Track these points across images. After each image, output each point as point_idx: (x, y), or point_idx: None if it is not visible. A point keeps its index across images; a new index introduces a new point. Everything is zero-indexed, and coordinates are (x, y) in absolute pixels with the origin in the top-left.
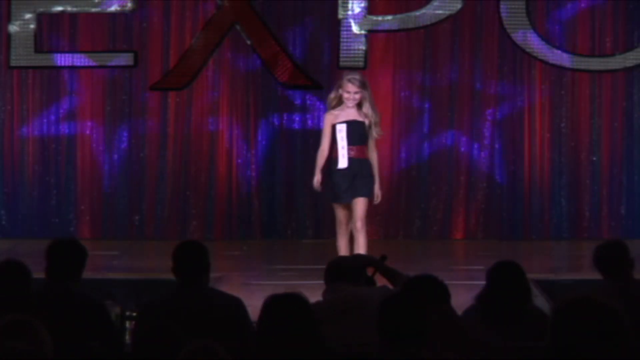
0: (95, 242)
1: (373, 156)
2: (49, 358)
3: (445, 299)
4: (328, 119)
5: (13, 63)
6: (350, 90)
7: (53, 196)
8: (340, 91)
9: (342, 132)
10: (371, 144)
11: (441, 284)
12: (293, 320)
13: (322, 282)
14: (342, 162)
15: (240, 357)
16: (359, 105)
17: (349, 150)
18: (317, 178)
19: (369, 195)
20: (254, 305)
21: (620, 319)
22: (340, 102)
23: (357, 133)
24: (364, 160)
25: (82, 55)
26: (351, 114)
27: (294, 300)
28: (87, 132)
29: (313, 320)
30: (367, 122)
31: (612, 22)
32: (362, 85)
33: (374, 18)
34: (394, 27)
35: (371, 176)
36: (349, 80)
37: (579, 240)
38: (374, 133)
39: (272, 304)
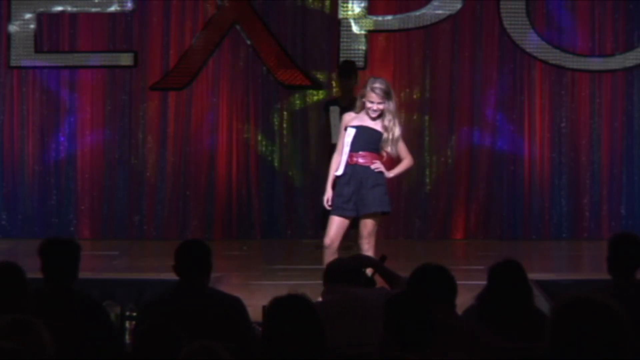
0: (95, 242)
1: (405, 162)
2: (50, 359)
3: (452, 289)
4: (344, 119)
5: (13, 63)
6: (374, 101)
7: (53, 196)
8: (364, 99)
9: (349, 136)
10: (403, 151)
11: (448, 275)
12: (298, 322)
13: (321, 282)
14: (340, 169)
15: (241, 357)
16: (380, 116)
17: (349, 156)
18: (327, 195)
19: (377, 208)
20: (254, 305)
21: (620, 319)
22: (364, 107)
23: (364, 139)
24: (369, 169)
25: (82, 55)
26: (366, 119)
27: (297, 301)
28: (87, 132)
29: (318, 321)
30: (385, 135)
31: (612, 22)
32: (386, 95)
33: (374, 18)
34: (394, 27)
35: (380, 185)
36: (372, 90)
37: (579, 240)
38: (389, 148)
39: (276, 307)
